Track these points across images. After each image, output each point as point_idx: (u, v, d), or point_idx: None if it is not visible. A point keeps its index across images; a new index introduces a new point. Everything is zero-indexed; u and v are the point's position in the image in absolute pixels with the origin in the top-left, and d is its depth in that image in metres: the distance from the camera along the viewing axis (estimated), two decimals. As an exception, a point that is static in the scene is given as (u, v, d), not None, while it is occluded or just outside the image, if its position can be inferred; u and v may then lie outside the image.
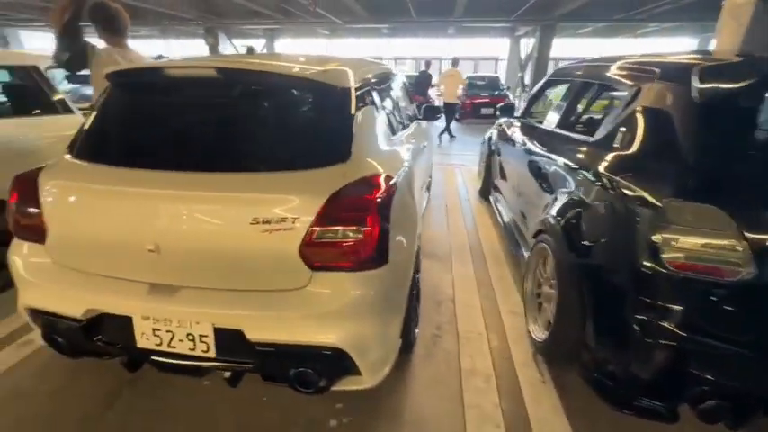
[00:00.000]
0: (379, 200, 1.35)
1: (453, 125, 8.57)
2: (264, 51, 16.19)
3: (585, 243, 1.57)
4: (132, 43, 2.60)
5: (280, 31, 16.25)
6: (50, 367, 1.79)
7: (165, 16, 12.61)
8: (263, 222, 1.26)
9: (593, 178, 1.68)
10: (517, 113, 3.54)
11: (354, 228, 1.29)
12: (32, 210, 1.46)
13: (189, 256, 1.33)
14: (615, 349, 1.42)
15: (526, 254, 2.34)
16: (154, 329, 1.40)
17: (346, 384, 1.43)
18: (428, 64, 9.46)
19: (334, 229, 1.28)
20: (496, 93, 10.88)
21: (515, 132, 3.28)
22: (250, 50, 1.80)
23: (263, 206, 1.26)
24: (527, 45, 14.36)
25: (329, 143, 1.44)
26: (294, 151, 1.42)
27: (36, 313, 1.50)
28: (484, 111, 10.25)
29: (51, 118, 2.70)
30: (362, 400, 1.62)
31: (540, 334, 1.90)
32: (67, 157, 1.54)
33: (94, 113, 1.62)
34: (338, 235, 1.29)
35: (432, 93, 9.72)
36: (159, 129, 1.54)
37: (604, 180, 1.60)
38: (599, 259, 1.52)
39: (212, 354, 1.38)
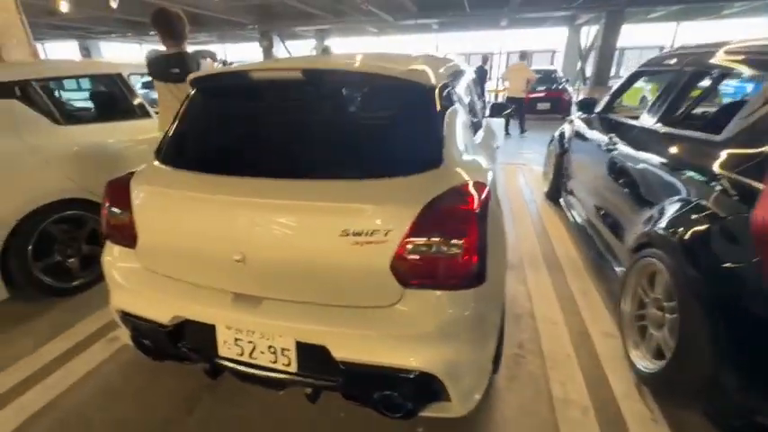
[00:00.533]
0: (477, 210, 1.20)
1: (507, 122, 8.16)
2: (315, 52, 16.56)
3: (723, 262, 1.31)
4: (193, 49, 2.64)
5: (329, 31, 16.52)
6: (135, 366, 1.85)
7: (223, 22, 13.27)
8: (354, 234, 1.16)
9: (727, 185, 1.41)
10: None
11: (453, 241, 1.15)
12: (124, 215, 1.49)
13: (274, 267, 1.27)
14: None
15: (619, 269, 2.08)
16: (236, 339, 1.37)
17: (434, 411, 1.31)
18: (485, 59, 9.10)
19: (429, 242, 1.16)
20: (554, 87, 10.17)
21: (595, 130, 2.98)
22: (326, 50, 1.71)
23: (353, 217, 1.17)
24: (588, 34, 13.40)
25: (420, 147, 1.32)
26: (385, 157, 1.31)
27: (125, 315, 1.53)
28: (540, 106, 9.64)
29: (132, 122, 2.84)
30: (446, 428, 1.49)
31: (645, 363, 1.66)
32: (156, 162, 1.56)
33: (178, 119, 1.63)
34: (434, 249, 1.16)
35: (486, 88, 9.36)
36: (246, 134, 1.50)
37: (745, 187, 1.33)
38: (743, 282, 1.26)
39: (294, 368, 1.33)
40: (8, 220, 2.09)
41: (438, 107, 1.40)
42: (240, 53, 20.14)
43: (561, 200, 3.72)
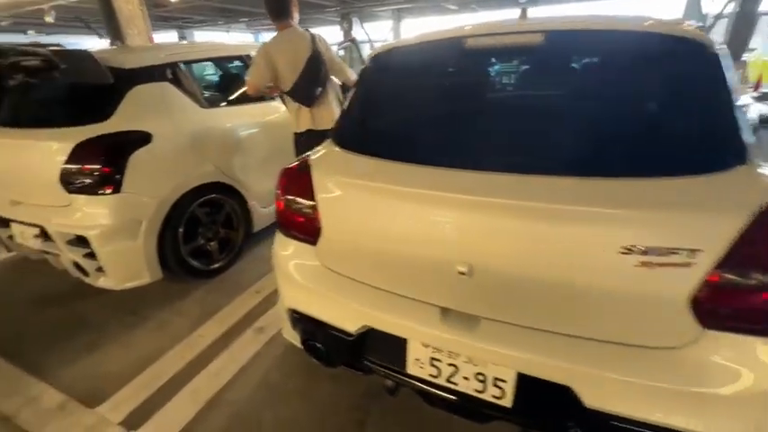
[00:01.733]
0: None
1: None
2: (392, 34, 16.19)
3: None
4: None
5: (407, 11, 15.98)
6: (291, 363, 1.76)
7: (304, 4, 13.39)
8: (641, 253, 0.86)
9: None
10: None
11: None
12: (306, 207, 1.34)
13: (511, 285, 1.02)
14: None
15: None
16: (432, 359, 1.16)
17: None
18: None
19: (758, 273, 0.82)
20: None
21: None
22: (524, 13, 1.39)
23: (644, 229, 0.87)
24: (714, -2, 11.32)
25: (718, 135, 0.97)
26: (675, 147, 0.98)
27: (298, 316, 1.40)
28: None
29: (261, 104, 2.79)
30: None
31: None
32: (336, 148, 1.39)
33: (360, 98, 1.44)
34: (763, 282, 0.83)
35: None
36: (461, 117, 1.25)
37: None
38: None
39: (507, 403, 1.08)
40: (167, 202, 2.12)
41: (726, 78, 1.02)
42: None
43: None
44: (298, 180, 1.36)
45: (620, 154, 0.99)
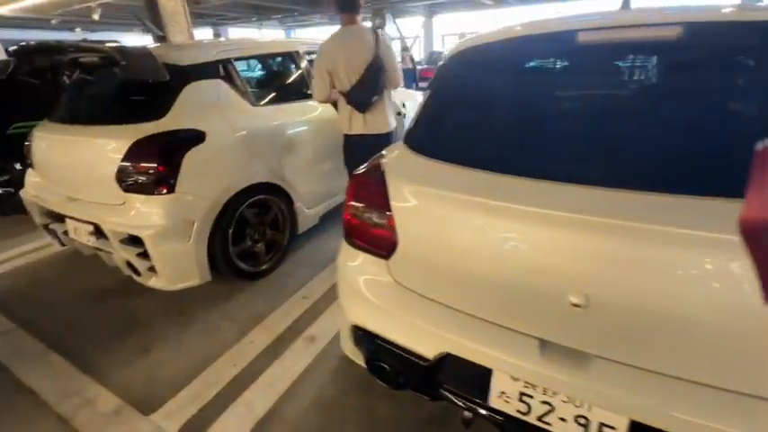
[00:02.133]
0: None
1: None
2: (423, 30, 15.95)
3: None
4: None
5: (439, 6, 15.68)
6: (347, 378, 1.67)
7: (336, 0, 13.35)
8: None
9: None
10: None
11: None
12: (379, 218, 1.23)
13: (638, 322, 0.87)
14: None
15: None
16: (522, 394, 1.03)
17: None
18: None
19: None
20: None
21: None
22: (627, 3, 1.23)
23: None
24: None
25: None
26: None
27: (364, 334, 1.30)
28: None
29: (304, 103, 2.72)
30: None
31: None
32: (412, 154, 1.27)
33: (436, 100, 1.31)
34: None
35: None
36: (574, 121, 1.10)
37: None
38: None
39: (614, 453, 0.94)
40: (219, 203, 2.07)
41: None
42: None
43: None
44: (371, 187, 1.26)
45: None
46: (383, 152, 1.40)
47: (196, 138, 2.00)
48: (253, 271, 2.38)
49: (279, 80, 2.76)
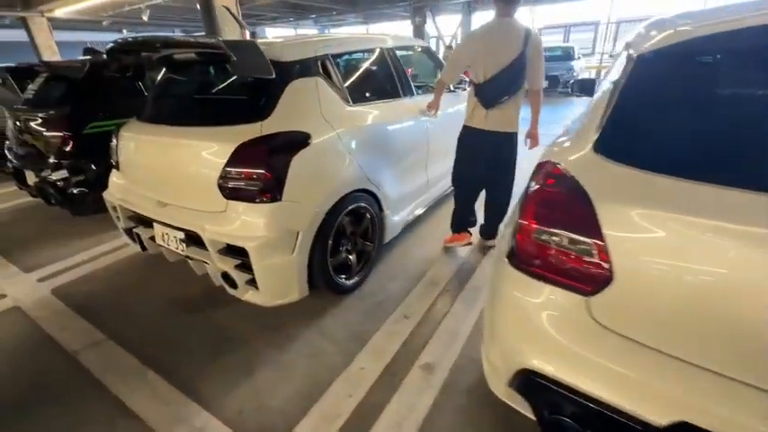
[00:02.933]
0: None
1: None
2: (461, 29, 15.54)
3: None
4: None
5: (480, 3, 15.27)
6: (484, 420, 1.45)
7: (378, 0, 13.20)
8: None
9: None
10: None
11: None
12: (584, 247, 0.99)
13: None
14: None
15: None
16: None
17: None
18: None
19: None
20: None
21: None
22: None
23: None
24: None
25: None
26: None
27: (541, 381, 1.07)
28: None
29: (395, 102, 2.53)
30: None
31: None
32: (614, 164, 1.02)
33: (639, 100, 1.07)
34: None
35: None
36: None
37: None
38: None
39: None
40: (322, 211, 1.89)
41: None
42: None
43: None
44: (568, 208, 1.02)
45: None
46: (552, 159, 1.16)
47: (302, 141, 1.83)
48: (345, 284, 2.19)
49: (372, 77, 2.56)
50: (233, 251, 1.80)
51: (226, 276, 1.89)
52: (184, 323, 2.10)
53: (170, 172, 2.00)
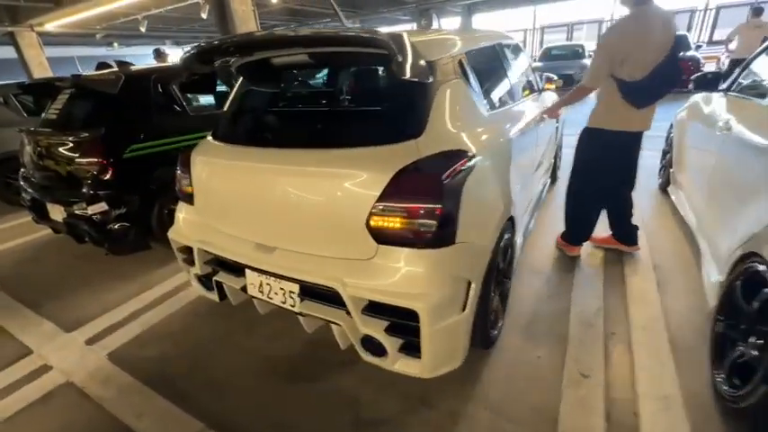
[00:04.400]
0: None
1: None
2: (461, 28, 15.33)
3: None
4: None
5: (477, 6, 15.14)
6: None
7: (381, 2, 12.92)
8: None
9: None
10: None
11: None
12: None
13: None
14: None
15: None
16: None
17: None
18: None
19: None
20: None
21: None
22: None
23: None
24: None
25: None
26: None
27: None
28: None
29: (526, 102, 2.15)
30: None
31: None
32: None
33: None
34: None
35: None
36: None
37: None
38: None
39: None
40: (488, 249, 1.47)
41: None
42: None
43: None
44: None
45: None
46: None
47: (467, 162, 1.40)
48: (494, 334, 1.76)
49: (500, 77, 2.16)
50: (381, 310, 1.36)
51: (368, 341, 1.44)
52: (299, 397, 1.64)
53: (282, 208, 1.53)
